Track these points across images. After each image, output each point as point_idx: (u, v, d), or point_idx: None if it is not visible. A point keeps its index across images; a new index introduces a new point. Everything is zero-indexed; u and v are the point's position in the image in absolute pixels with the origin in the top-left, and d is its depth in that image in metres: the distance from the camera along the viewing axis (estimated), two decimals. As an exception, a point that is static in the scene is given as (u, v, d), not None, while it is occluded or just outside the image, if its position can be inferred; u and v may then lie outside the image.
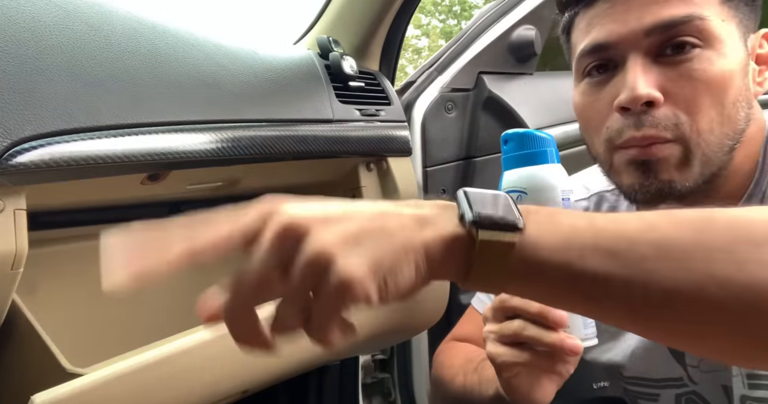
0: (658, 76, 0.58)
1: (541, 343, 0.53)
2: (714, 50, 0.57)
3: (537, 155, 0.57)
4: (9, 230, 0.58)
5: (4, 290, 0.60)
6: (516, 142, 0.58)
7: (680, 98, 0.58)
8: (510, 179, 0.58)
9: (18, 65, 0.58)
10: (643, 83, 0.57)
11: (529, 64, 1.27)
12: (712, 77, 0.57)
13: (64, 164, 0.59)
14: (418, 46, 13.24)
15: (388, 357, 1.22)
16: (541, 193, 0.56)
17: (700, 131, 0.58)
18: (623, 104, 0.58)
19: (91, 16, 0.68)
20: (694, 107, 0.57)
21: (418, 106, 1.14)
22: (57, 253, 0.79)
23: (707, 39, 0.57)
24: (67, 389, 0.49)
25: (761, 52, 0.63)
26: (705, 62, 0.57)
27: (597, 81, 0.62)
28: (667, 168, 0.58)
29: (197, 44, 0.78)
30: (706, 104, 0.57)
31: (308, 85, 0.89)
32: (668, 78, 0.58)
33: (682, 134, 0.58)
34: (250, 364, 0.64)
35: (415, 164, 1.12)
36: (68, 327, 0.79)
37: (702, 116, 0.57)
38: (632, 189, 0.61)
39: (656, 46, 0.58)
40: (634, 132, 0.59)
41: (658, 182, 0.59)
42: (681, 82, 0.57)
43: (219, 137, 0.73)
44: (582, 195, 0.79)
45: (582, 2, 0.63)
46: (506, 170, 0.58)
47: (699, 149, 0.58)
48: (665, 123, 0.58)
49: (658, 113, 0.58)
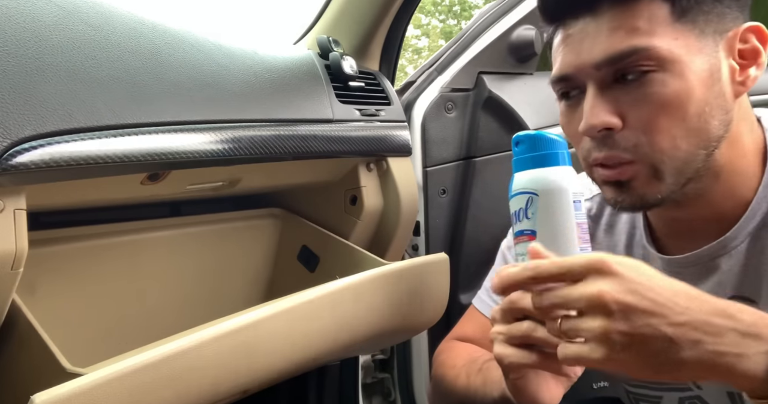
0: (613, 103, 0.59)
1: (551, 345, 0.53)
2: (667, 72, 0.58)
3: (549, 157, 0.57)
4: (9, 230, 0.58)
5: (4, 290, 0.60)
6: (527, 143, 0.58)
7: (638, 122, 0.59)
8: (521, 180, 0.58)
9: (18, 65, 0.58)
10: (598, 113, 0.59)
11: (529, 64, 1.27)
12: (666, 99, 0.58)
13: (64, 164, 0.59)
14: (418, 46, 13.24)
15: (388, 357, 1.22)
16: (552, 195, 0.56)
17: (662, 149, 0.59)
18: (582, 133, 0.61)
19: (91, 16, 0.68)
20: (653, 129, 0.58)
21: (418, 106, 1.14)
22: (57, 253, 0.79)
23: (658, 63, 0.58)
24: (67, 389, 0.49)
25: (744, 47, 0.61)
26: (657, 85, 0.58)
27: (569, 104, 0.65)
28: (638, 185, 0.60)
29: (197, 44, 0.78)
30: (665, 124, 0.58)
31: (308, 85, 0.89)
32: (625, 102, 0.59)
33: (643, 155, 0.59)
34: (250, 364, 0.64)
35: (415, 164, 1.12)
36: (68, 327, 0.79)
37: (662, 136, 0.58)
38: (611, 202, 0.63)
39: (610, 75, 0.59)
40: (597, 154, 0.61)
41: (631, 197, 0.61)
42: (637, 106, 0.59)
43: (219, 137, 0.73)
44: (586, 195, 0.80)
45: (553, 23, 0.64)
46: (517, 171, 0.58)
47: (665, 166, 0.59)
48: (624, 145, 0.59)
49: (618, 136, 0.59)
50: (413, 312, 0.86)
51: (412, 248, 1.16)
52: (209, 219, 0.96)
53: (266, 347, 0.65)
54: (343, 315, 0.73)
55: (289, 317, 0.66)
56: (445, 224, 1.18)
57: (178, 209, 0.98)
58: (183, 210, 0.98)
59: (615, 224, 0.77)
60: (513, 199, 0.58)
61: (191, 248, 0.94)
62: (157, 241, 0.90)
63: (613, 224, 0.77)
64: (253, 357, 0.64)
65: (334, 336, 0.74)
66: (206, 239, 0.96)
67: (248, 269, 1.03)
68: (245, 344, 0.62)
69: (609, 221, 0.77)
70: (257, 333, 0.63)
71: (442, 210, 1.17)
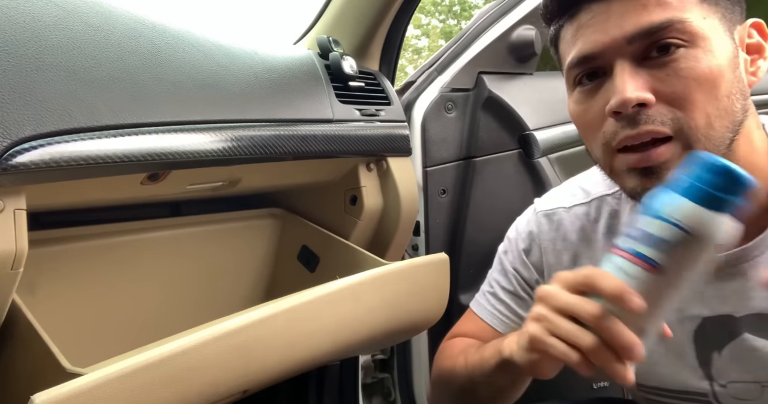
0: (646, 78, 0.58)
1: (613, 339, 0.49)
2: (699, 48, 0.57)
3: (731, 205, 0.48)
4: (9, 230, 0.58)
5: (4, 290, 0.60)
6: (722, 177, 0.47)
7: (673, 97, 0.57)
8: (683, 208, 0.48)
9: (18, 65, 0.58)
10: (632, 87, 0.57)
11: (529, 64, 1.27)
12: (701, 74, 0.57)
13: (64, 164, 0.59)
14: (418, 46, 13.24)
15: (388, 357, 1.22)
16: (704, 245, 0.48)
17: (698, 126, 0.57)
18: (614, 108, 0.58)
19: (91, 16, 0.68)
20: (688, 104, 0.57)
21: (418, 106, 1.14)
22: (57, 253, 0.79)
23: (690, 38, 0.57)
24: (67, 389, 0.49)
25: (750, 41, 0.63)
26: (691, 60, 0.57)
27: (588, 89, 0.63)
28: (670, 169, 0.57)
29: (197, 44, 0.78)
30: (700, 100, 0.57)
31: (308, 85, 0.89)
32: (657, 79, 0.58)
33: (680, 129, 0.57)
34: (250, 364, 0.64)
35: (415, 164, 1.12)
36: (68, 327, 0.79)
37: (698, 112, 0.57)
38: (635, 192, 0.61)
39: (640, 51, 0.58)
40: (629, 131, 0.58)
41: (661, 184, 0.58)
42: (671, 81, 0.57)
43: (219, 137, 0.73)
44: (581, 199, 0.79)
45: (565, 14, 0.63)
46: (686, 196, 0.48)
47: (701, 145, 0.57)
48: (661, 119, 0.57)
49: (653, 111, 0.58)
50: (413, 312, 0.86)
51: (412, 248, 1.16)
52: (209, 219, 0.96)
53: (266, 347, 0.65)
54: (343, 315, 0.73)
55: (289, 317, 0.66)
56: (445, 224, 1.18)
57: (178, 209, 0.98)
58: (183, 210, 0.98)
59: (616, 228, 0.75)
60: (656, 219, 0.49)
61: (191, 248, 0.94)
62: (157, 241, 0.90)
63: (614, 228, 0.75)
64: (253, 357, 0.64)
65: (334, 336, 0.74)
66: (206, 239, 0.96)
67: (248, 269, 1.03)
68: (245, 344, 0.62)
69: (609, 223, 0.75)
70: (257, 333, 0.63)
71: (442, 210, 1.17)
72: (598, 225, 0.76)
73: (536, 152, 1.22)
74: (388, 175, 1.00)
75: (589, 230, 0.76)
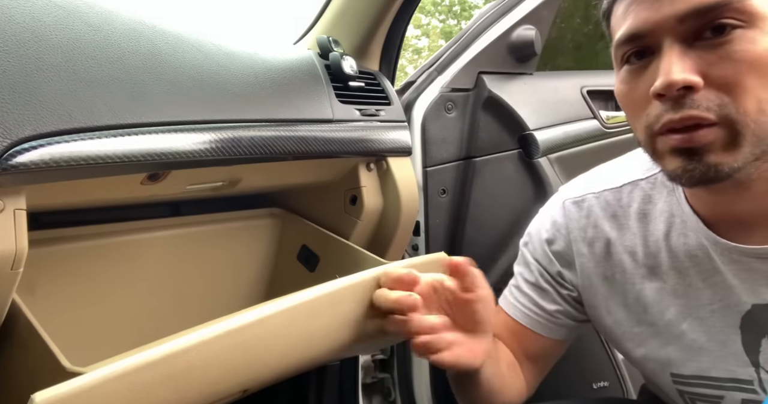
0: (696, 60, 0.56)
1: None
2: (757, 29, 0.55)
3: None
4: (9, 230, 0.58)
5: (4, 290, 0.61)
6: None
7: (722, 81, 0.55)
8: None
9: (18, 65, 0.58)
10: (679, 69, 0.55)
11: (529, 64, 1.27)
12: (755, 57, 0.54)
13: (64, 164, 0.59)
14: (418, 46, 13.24)
15: (388, 357, 1.22)
16: None
17: (747, 111, 0.55)
18: (658, 90, 0.56)
19: (91, 16, 0.68)
20: (738, 89, 0.55)
21: (418, 106, 1.14)
22: (57, 253, 0.79)
23: (748, 18, 0.55)
24: (67, 388, 0.49)
25: None
26: (747, 42, 0.54)
27: (635, 68, 0.61)
28: (713, 153, 0.56)
29: (197, 44, 0.78)
30: (752, 85, 0.54)
31: (308, 86, 0.89)
32: (708, 62, 0.56)
33: (726, 115, 0.55)
34: (249, 363, 0.64)
35: (415, 164, 1.12)
36: (68, 326, 0.79)
37: (748, 97, 0.55)
38: (675, 174, 0.59)
39: (692, 31, 0.56)
40: (672, 115, 0.56)
41: (702, 167, 0.56)
42: (722, 65, 0.55)
43: (219, 137, 0.73)
44: (611, 185, 0.76)
45: None
46: None
47: (749, 130, 0.55)
48: (707, 104, 0.55)
49: (699, 96, 0.55)
50: (413, 311, 0.86)
51: (412, 248, 1.16)
52: (209, 219, 0.96)
53: (266, 346, 0.65)
54: (343, 315, 0.73)
55: (289, 317, 0.66)
56: (445, 224, 1.18)
57: (178, 209, 0.98)
58: (183, 210, 0.98)
59: (649, 213, 0.72)
60: None
61: (191, 248, 0.94)
62: (157, 241, 0.90)
63: (647, 213, 0.72)
64: (252, 357, 0.64)
65: (334, 336, 0.73)
66: (206, 239, 0.96)
67: (248, 269, 1.03)
68: (245, 343, 0.62)
69: (641, 208, 0.73)
70: (257, 333, 0.63)
71: (442, 210, 1.17)
72: (630, 210, 0.74)
73: (536, 152, 1.23)
74: (388, 175, 1.00)
75: (621, 215, 0.74)
